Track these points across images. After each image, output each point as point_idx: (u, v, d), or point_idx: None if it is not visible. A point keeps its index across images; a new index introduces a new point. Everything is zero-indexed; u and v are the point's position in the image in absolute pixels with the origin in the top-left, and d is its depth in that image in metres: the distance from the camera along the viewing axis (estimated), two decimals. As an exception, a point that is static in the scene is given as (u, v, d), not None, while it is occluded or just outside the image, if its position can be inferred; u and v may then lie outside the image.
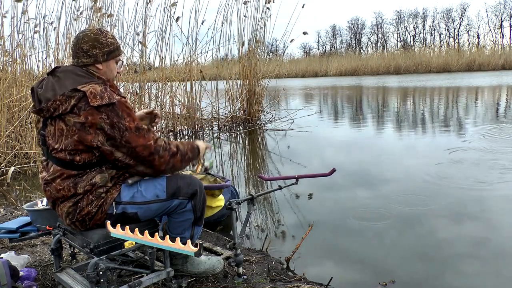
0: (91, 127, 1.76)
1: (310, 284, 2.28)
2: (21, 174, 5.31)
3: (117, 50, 1.96)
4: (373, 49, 60.79)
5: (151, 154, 1.84)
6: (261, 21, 8.79)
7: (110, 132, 1.77)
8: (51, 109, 1.78)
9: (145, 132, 1.84)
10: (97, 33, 1.90)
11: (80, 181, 1.81)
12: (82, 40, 1.88)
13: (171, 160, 1.90)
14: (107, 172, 1.85)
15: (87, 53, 1.88)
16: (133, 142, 1.80)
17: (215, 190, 3.00)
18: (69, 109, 1.76)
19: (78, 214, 1.84)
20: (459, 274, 2.45)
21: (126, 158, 1.82)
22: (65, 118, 1.78)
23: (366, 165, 5.16)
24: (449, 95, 14.27)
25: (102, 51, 1.89)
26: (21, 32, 6.22)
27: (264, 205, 3.85)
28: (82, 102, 1.75)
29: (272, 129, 8.49)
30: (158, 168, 1.89)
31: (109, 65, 1.94)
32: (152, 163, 1.86)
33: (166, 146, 1.89)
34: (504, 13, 54.93)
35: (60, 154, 1.80)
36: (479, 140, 6.16)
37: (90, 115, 1.75)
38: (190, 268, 2.18)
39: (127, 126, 1.79)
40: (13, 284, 2.11)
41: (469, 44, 52.99)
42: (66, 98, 1.76)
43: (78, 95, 1.76)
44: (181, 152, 1.96)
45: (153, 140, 1.85)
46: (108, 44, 1.91)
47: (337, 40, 66.48)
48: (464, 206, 3.51)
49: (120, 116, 1.78)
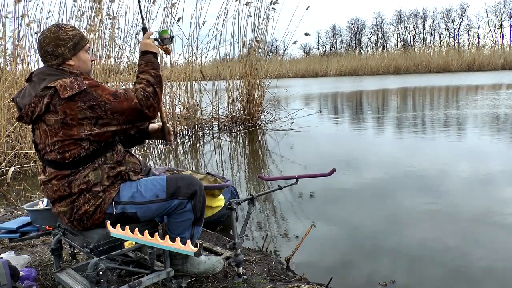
0: (73, 119, 1.74)
1: (310, 284, 2.28)
2: (21, 174, 5.31)
3: (82, 40, 1.90)
4: (373, 49, 60.77)
5: (141, 111, 1.83)
6: (264, 21, 8.79)
7: (93, 114, 1.75)
8: (29, 113, 1.78)
9: (124, 95, 1.81)
10: (56, 31, 1.84)
11: (74, 180, 1.81)
12: (44, 42, 1.84)
13: (156, 98, 1.88)
14: (101, 168, 1.84)
15: (53, 54, 1.84)
16: (119, 110, 1.78)
17: (215, 190, 3.01)
18: (44, 108, 1.74)
19: (76, 213, 1.84)
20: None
21: (121, 126, 1.82)
22: (45, 119, 1.77)
23: (367, 164, 5.16)
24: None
25: (67, 46, 1.84)
26: (21, 32, 6.22)
27: (264, 205, 3.85)
28: (55, 98, 1.74)
29: (272, 129, 8.49)
30: (154, 115, 1.89)
31: (79, 58, 1.89)
32: (145, 116, 1.85)
33: (145, 93, 1.85)
34: (504, 13, 54.97)
35: (51, 155, 1.80)
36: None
37: (67, 108, 1.73)
38: (190, 268, 2.18)
39: (105, 99, 1.76)
40: (13, 284, 2.11)
41: (469, 44, 53.04)
42: (39, 99, 1.75)
43: (49, 92, 1.74)
44: (154, 82, 1.90)
45: (135, 98, 1.81)
46: (71, 38, 1.85)
47: (337, 40, 66.47)
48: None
49: (96, 96, 1.76)
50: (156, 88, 1.90)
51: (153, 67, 1.95)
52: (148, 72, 1.93)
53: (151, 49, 2.00)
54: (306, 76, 35.01)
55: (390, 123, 8.58)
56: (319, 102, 14.03)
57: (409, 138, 6.88)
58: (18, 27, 6.16)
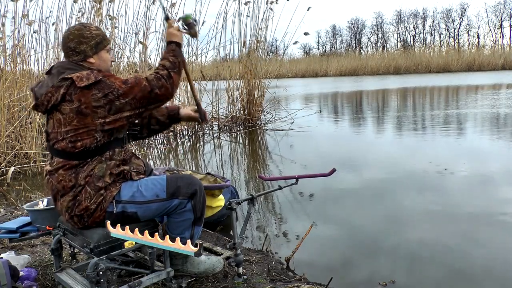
0: (87, 108, 1.79)
1: (310, 284, 2.28)
2: (21, 174, 5.30)
3: (104, 40, 1.97)
4: (373, 49, 60.77)
5: (151, 92, 1.87)
6: (263, 21, 8.79)
7: (106, 101, 1.80)
8: (45, 102, 1.83)
9: (134, 80, 1.86)
10: (81, 29, 1.92)
11: (81, 171, 1.84)
12: (68, 39, 1.91)
13: (170, 81, 1.92)
14: (106, 163, 1.87)
15: (75, 50, 1.91)
16: (130, 94, 1.83)
17: (215, 190, 3.01)
18: (60, 98, 1.80)
19: (77, 208, 1.84)
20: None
21: (134, 110, 1.86)
22: (60, 108, 1.82)
23: (367, 164, 5.16)
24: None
25: (89, 44, 1.92)
26: (21, 32, 6.22)
27: (264, 205, 3.85)
28: (71, 88, 1.80)
29: (272, 129, 8.49)
30: (166, 96, 1.93)
31: (100, 57, 1.96)
32: (157, 98, 1.89)
33: (157, 75, 1.91)
34: (504, 13, 54.95)
35: (62, 143, 1.83)
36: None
37: (81, 96, 1.78)
38: (190, 268, 2.18)
39: (117, 86, 1.82)
40: (13, 284, 2.11)
41: (469, 44, 53.03)
42: (56, 89, 1.81)
43: (66, 83, 1.81)
44: (172, 66, 1.96)
45: (145, 81, 1.86)
46: (94, 37, 1.93)
47: (337, 40, 66.45)
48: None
49: (109, 83, 1.82)
50: (171, 72, 1.94)
51: (173, 54, 2.01)
52: (167, 58, 1.99)
53: (175, 39, 2.05)
54: (306, 76, 35.01)
55: (390, 123, 8.59)
56: (319, 102, 14.03)
57: (409, 138, 6.89)
58: (18, 26, 6.16)
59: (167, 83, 1.91)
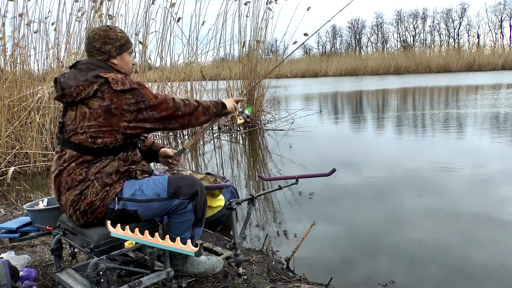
0: (117, 109, 1.84)
1: (310, 284, 2.28)
2: (21, 174, 5.31)
3: (128, 42, 2.05)
4: (373, 49, 60.74)
5: (174, 113, 1.95)
6: (263, 21, 8.79)
7: (136, 108, 1.87)
8: (74, 94, 1.86)
9: (163, 97, 1.95)
10: (107, 30, 1.99)
11: (93, 167, 1.86)
12: (93, 38, 1.97)
13: (194, 113, 2.02)
14: (117, 162, 1.91)
15: (100, 50, 1.97)
16: (157, 109, 1.91)
17: (215, 190, 3.01)
18: (92, 93, 1.84)
19: (82, 203, 1.85)
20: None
21: (155, 125, 1.94)
22: (88, 102, 1.85)
23: (367, 164, 5.16)
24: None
25: (114, 45, 1.98)
26: (21, 32, 6.22)
27: (264, 205, 3.85)
28: (104, 87, 1.84)
29: (272, 129, 8.49)
30: (183, 121, 2.00)
31: (123, 58, 2.03)
32: (177, 119, 1.98)
33: (186, 101, 2.01)
34: (504, 13, 54.91)
35: (81, 137, 1.85)
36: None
37: (114, 97, 1.84)
38: (190, 268, 2.18)
39: (149, 98, 1.90)
40: (13, 284, 2.12)
41: (469, 44, 53.00)
42: (89, 84, 1.85)
43: (100, 81, 1.85)
44: (203, 105, 2.06)
45: (171, 102, 1.95)
46: (119, 38, 2.00)
47: (337, 40, 66.41)
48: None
49: (143, 93, 1.90)
50: (200, 108, 2.04)
51: (214, 104, 2.13)
52: (206, 101, 2.12)
53: (226, 102, 2.19)
54: (306, 76, 35.01)
55: (390, 123, 8.59)
56: (319, 102, 14.03)
57: (409, 138, 6.89)
58: (18, 26, 6.16)
59: (190, 111, 2.00)
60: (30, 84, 6.16)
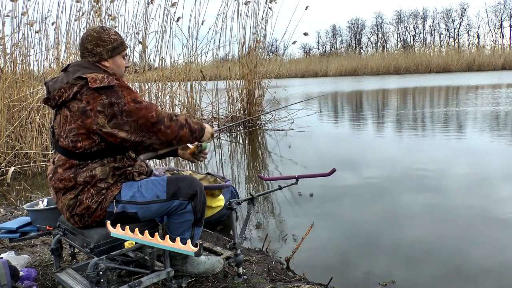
0: (92, 110, 1.78)
1: (310, 284, 2.28)
2: (21, 174, 5.30)
3: (121, 45, 1.99)
4: (373, 49, 60.73)
5: (155, 125, 1.83)
6: (262, 21, 8.79)
7: (110, 111, 1.77)
8: (56, 97, 1.84)
9: (146, 104, 1.84)
10: (100, 32, 1.95)
11: (80, 172, 1.83)
12: (86, 40, 1.94)
13: (179, 131, 1.90)
14: (108, 165, 1.87)
15: (92, 51, 1.93)
16: (134, 115, 1.79)
17: (215, 190, 3.01)
18: (72, 95, 1.81)
19: (78, 207, 1.84)
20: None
21: (131, 135, 1.81)
22: (69, 105, 1.83)
23: (366, 164, 5.16)
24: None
25: (106, 48, 1.94)
26: (21, 32, 6.22)
27: (264, 205, 3.85)
28: (84, 88, 1.81)
29: (272, 129, 8.49)
30: (165, 138, 1.87)
31: (115, 61, 1.98)
32: (157, 134, 1.85)
33: (172, 116, 1.89)
34: (504, 13, 54.93)
35: (64, 141, 1.84)
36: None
37: (91, 99, 1.78)
38: (190, 268, 2.18)
39: (125, 101, 1.79)
40: (13, 284, 2.11)
41: (469, 44, 53.00)
42: (69, 86, 1.82)
43: (81, 82, 1.82)
44: (191, 126, 1.96)
45: (155, 111, 1.83)
46: (112, 41, 1.95)
47: (337, 40, 66.45)
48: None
49: (120, 95, 1.80)
50: (187, 126, 1.93)
51: (199, 132, 2.01)
52: (195, 125, 1.99)
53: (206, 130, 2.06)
54: (306, 76, 35.01)
55: (390, 123, 8.58)
56: (319, 102, 14.02)
57: (408, 138, 6.88)
58: (18, 26, 6.16)
59: (175, 128, 1.88)
60: (30, 84, 6.16)
